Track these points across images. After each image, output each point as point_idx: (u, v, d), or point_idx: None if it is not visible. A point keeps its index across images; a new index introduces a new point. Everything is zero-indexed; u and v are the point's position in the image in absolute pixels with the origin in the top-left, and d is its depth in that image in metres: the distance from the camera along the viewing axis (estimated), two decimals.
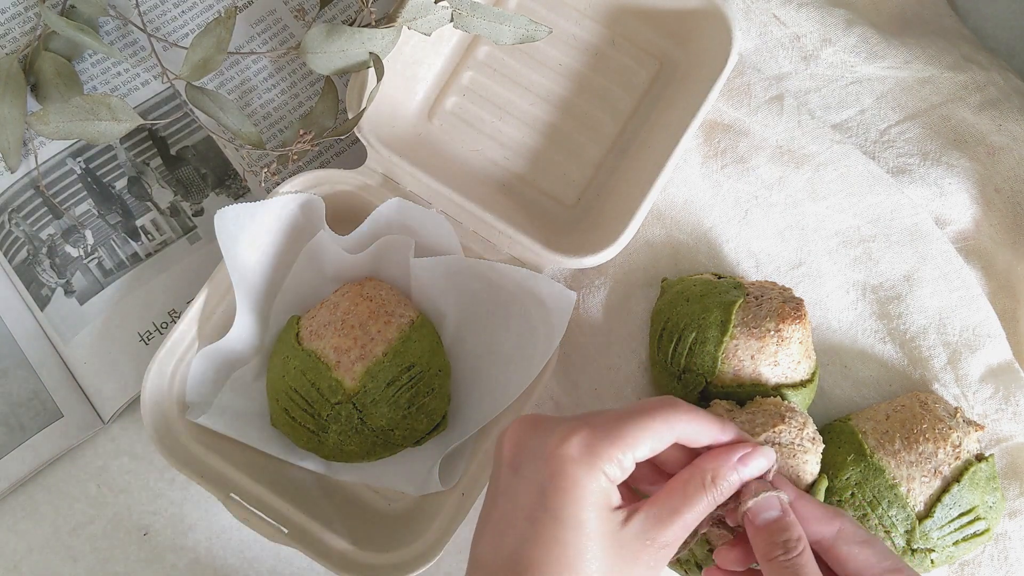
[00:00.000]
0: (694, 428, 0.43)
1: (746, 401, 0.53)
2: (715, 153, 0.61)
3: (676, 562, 0.52)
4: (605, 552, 0.41)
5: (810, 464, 0.50)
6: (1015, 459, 0.57)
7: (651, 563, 0.42)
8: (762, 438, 0.49)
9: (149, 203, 0.60)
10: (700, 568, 0.51)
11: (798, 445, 0.50)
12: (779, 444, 0.49)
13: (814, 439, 0.51)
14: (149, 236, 0.60)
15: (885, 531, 0.52)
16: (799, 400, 0.54)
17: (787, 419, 0.50)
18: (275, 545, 0.57)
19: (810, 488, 0.50)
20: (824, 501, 0.52)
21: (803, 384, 0.54)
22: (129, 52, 0.62)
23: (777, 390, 0.53)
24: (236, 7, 0.59)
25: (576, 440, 0.41)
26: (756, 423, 0.50)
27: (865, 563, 0.43)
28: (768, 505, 0.43)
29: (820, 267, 0.60)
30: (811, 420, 0.51)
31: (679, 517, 0.42)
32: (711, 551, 0.50)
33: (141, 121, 0.57)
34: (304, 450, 0.55)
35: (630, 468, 0.42)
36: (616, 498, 0.42)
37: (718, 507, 0.44)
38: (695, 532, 0.44)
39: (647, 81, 0.61)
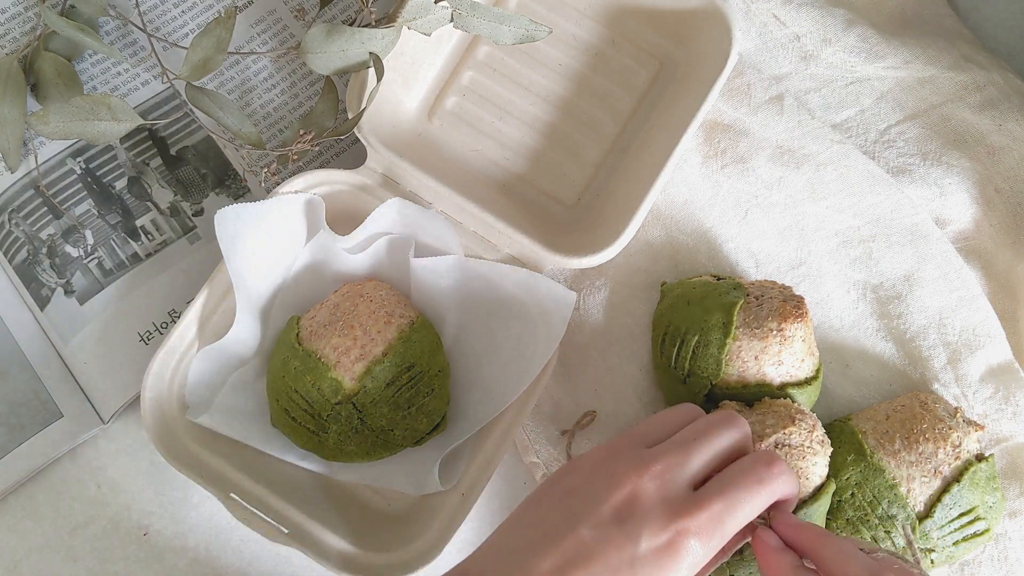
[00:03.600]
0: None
1: (753, 402, 0.53)
2: (715, 153, 0.61)
3: None
4: None
5: (819, 466, 0.50)
6: (1015, 459, 0.57)
7: None
8: (772, 439, 0.49)
9: (149, 203, 0.60)
10: None
11: (808, 447, 0.50)
12: (789, 446, 0.50)
13: (823, 442, 0.51)
14: (149, 236, 0.60)
15: (885, 531, 0.52)
16: (804, 398, 0.54)
17: (797, 421, 0.50)
18: (275, 545, 0.57)
19: (818, 490, 0.50)
20: (830, 498, 0.52)
21: (808, 382, 0.54)
22: (129, 52, 0.62)
23: (782, 389, 0.53)
24: (236, 7, 0.59)
25: (700, 527, 0.41)
26: (766, 424, 0.50)
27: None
28: None
29: (820, 267, 0.60)
30: (820, 423, 0.52)
31: None
32: None
33: (141, 121, 0.57)
34: (304, 450, 0.55)
35: None
36: None
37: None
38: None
39: (647, 81, 0.61)
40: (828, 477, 0.51)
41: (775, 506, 0.45)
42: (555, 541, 0.41)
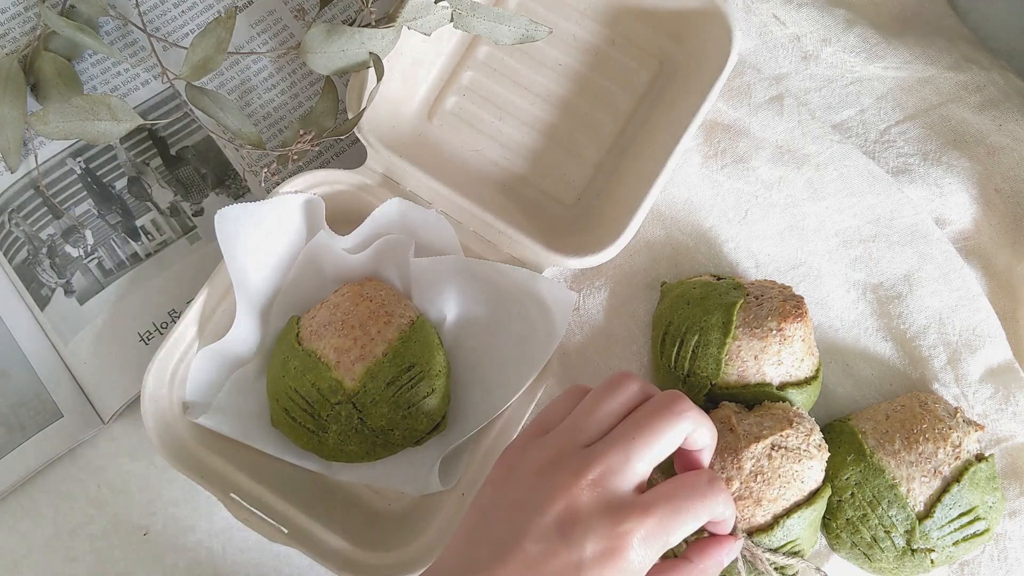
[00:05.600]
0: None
1: (752, 403, 0.53)
2: (715, 153, 0.61)
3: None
4: None
5: (814, 471, 0.50)
6: (1015, 459, 0.57)
7: None
8: (769, 441, 0.50)
9: (149, 203, 0.60)
10: None
11: (804, 451, 0.50)
12: (785, 448, 0.50)
13: (820, 446, 0.51)
14: (149, 236, 0.60)
15: (885, 531, 0.52)
16: (804, 398, 0.54)
17: (795, 424, 0.50)
18: (275, 545, 0.57)
19: (813, 495, 0.50)
20: (825, 504, 0.52)
21: (807, 382, 0.54)
22: (129, 52, 0.62)
23: (782, 389, 0.53)
24: (236, 7, 0.59)
25: (647, 530, 0.41)
26: (764, 426, 0.50)
27: None
28: None
29: (820, 267, 0.60)
30: (818, 428, 0.52)
31: None
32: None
33: (141, 121, 0.57)
34: (304, 450, 0.55)
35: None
36: None
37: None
38: None
39: (647, 81, 0.61)
40: (824, 482, 0.51)
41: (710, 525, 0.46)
42: (503, 558, 0.41)
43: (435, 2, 0.54)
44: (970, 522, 0.52)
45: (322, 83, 0.61)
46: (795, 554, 0.50)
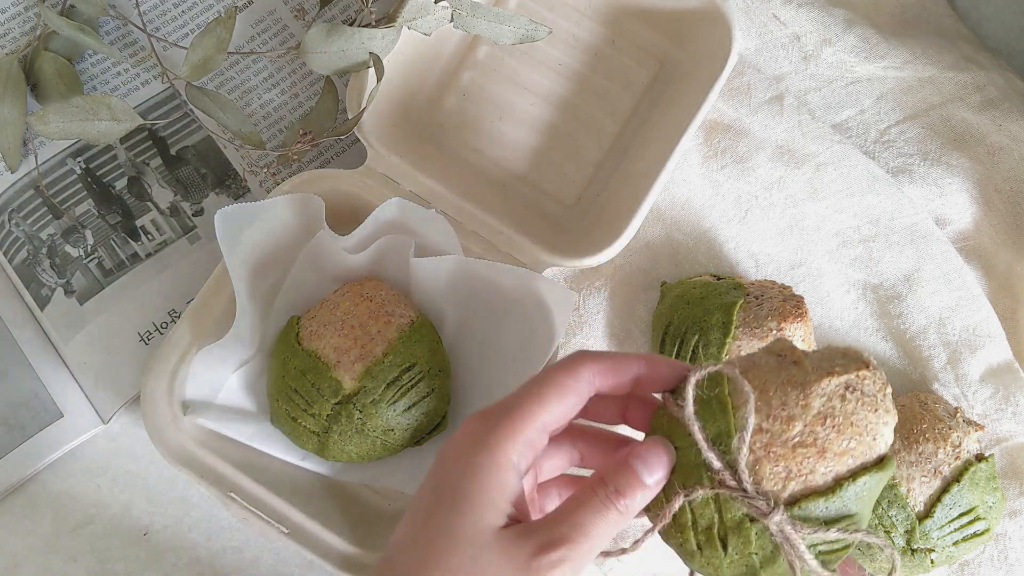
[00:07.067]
0: (609, 373, 0.40)
1: None
2: (715, 153, 0.61)
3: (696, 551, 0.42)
4: (498, 553, 0.37)
5: (889, 429, 0.40)
6: (1015, 459, 0.57)
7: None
8: (843, 379, 0.39)
9: (149, 203, 0.61)
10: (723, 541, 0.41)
11: (881, 400, 0.40)
12: (861, 392, 0.39)
13: (894, 405, 0.41)
14: (149, 236, 0.60)
15: (885, 531, 0.52)
16: None
17: (872, 368, 0.40)
18: (275, 545, 0.57)
19: (880, 461, 0.40)
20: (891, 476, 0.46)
21: None
22: (129, 52, 0.62)
23: None
24: (236, 7, 0.59)
25: (467, 431, 0.38)
26: (835, 362, 0.40)
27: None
28: None
29: (820, 267, 0.60)
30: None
31: (584, 535, 0.38)
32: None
33: (141, 121, 0.57)
34: (304, 450, 0.55)
35: (542, 442, 0.39)
36: (514, 493, 0.38)
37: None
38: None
39: (647, 81, 0.61)
40: (889, 454, 0.40)
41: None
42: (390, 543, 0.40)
43: (435, 2, 0.54)
44: (970, 522, 0.52)
45: (322, 83, 0.61)
46: (848, 531, 0.39)
